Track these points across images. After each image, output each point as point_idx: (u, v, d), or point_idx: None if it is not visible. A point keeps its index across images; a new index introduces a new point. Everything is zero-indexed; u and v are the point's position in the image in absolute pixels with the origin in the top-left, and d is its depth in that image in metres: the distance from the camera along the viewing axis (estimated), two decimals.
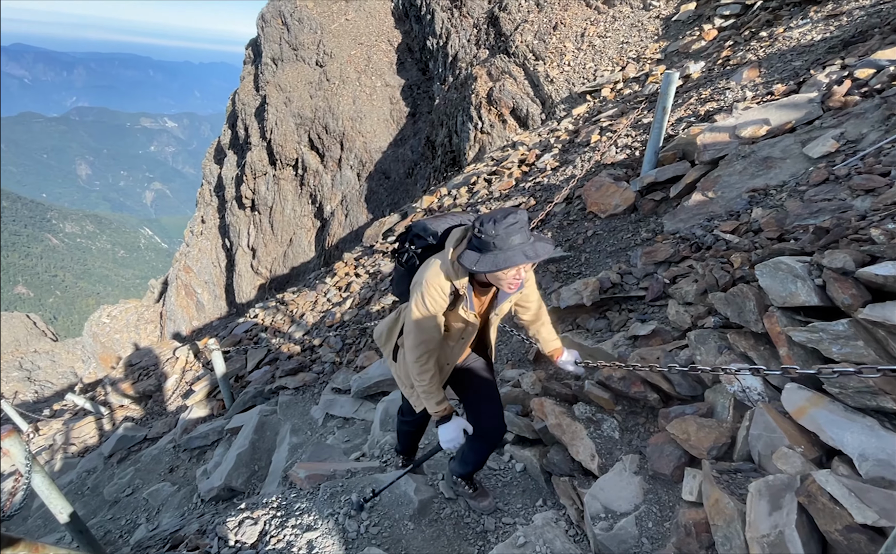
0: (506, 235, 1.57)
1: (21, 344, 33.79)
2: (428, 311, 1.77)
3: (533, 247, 1.60)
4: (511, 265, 1.57)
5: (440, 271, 1.73)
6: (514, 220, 1.58)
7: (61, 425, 8.76)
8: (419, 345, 1.83)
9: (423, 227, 1.93)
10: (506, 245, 1.58)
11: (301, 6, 21.12)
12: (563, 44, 11.75)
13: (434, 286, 1.73)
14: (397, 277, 2.06)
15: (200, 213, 24.81)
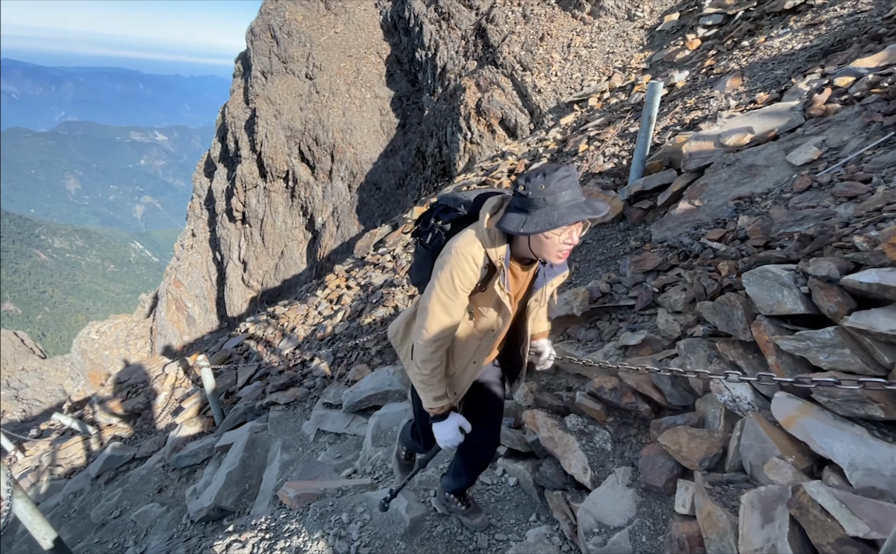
0: (557, 190, 1.35)
1: (8, 362, 33.22)
2: (455, 287, 1.49)
3: (589, 203, 1.38)
4: (567, 222, 1.32)
5: (474, 239, 1.47)
6: (567, 173, 1.36)
7: (48, 446, 8.59)
8: (438, 332, 1.55)
9: (452, 198, 1.67)
10: (557, 201, 1.35)
11: (290, 19, 21.21)
12: (549, 54, 11.88)
13: (465, 256, 1.46)
14: (418, 260, 1.77)
15: (191, 227, 24.66)
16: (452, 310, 1.53)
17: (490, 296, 1.55)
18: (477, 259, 1.46)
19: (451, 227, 1.61)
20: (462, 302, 1.53)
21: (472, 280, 1.48)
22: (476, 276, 1.48)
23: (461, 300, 1.52)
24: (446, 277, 1.48)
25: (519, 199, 1.39)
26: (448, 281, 1.48)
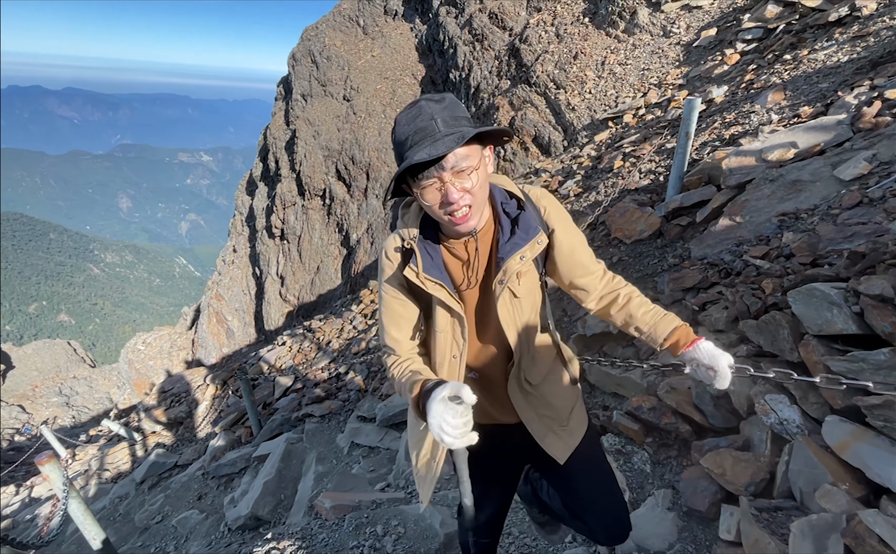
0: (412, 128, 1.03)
1: (61, 370, 35.16)
2: (382, 294, 1.27)
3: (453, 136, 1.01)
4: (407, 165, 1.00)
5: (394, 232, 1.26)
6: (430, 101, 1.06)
7: (96, 451, 9.00)
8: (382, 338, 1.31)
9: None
10: (405, 147, 1.05)
11: (329, 45, 22.02)
12: (583, 72, 11.87)
13: (384, 249, 1.26)
14: None
15: (232, 243, 25.64)
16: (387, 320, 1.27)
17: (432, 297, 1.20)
18: (389, 249, 1.23)
19: None
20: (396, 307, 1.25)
21: (395, 275, 1.23)
22: (393, 269, 1.22)
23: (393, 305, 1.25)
24: (378, 283, 1.30)
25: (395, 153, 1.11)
26: (379, 286, 1.30)
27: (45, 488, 9.33)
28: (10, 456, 18.93)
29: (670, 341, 1.30)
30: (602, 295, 1.37)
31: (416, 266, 1.16)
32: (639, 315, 1.33)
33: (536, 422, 1.35)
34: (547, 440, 1.35)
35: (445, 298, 1.17)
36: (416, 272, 1.16)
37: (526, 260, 1.18)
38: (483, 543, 1.60)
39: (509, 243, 1.17)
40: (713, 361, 1.25)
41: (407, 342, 1.28)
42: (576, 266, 1.31)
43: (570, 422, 1.39)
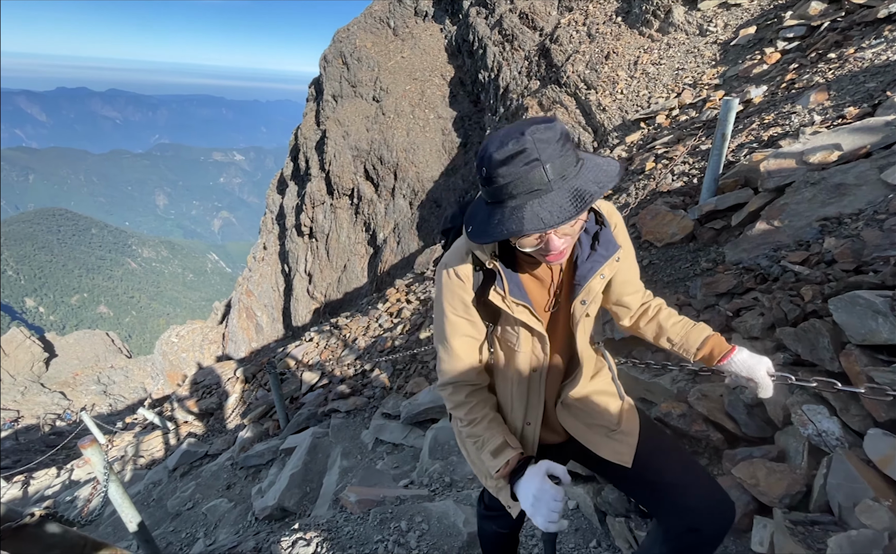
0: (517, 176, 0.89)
1: (100, 360, 36.67)
2: (445, 314, 1.15)
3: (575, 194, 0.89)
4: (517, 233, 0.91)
5: (459, 246, 1.14)
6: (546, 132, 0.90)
7: (132, 438, 9.36)
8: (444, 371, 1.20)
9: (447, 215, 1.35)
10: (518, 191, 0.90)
11: (360, 46, 22.31)
12: (615, 72, 11.68)
13: (448, 270, 1.13)
14: None
15: (263, 240, 26.25)
16: (456, 343, 1.16)
17: (507, 316, 1.14)
18: (459, 268, 1.11)
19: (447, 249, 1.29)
20: (464, 330, 1.16)
21: (462, 297, 1.13)
22: (465, 289, 1.12)
23: (461, 328, 1.15)
24: (437, 304, 1.17)
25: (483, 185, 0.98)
26: (439, 309, 1.16)
27: (83, 472, 9.76)
28: (52, 440, 19.88)
29: (703, 351, 1.29)
30: (637, 311, 1.36)
31: (503, 290, 1.09)
32: (669, 326, 1.32)
33: (588, 433, 1.30)
34: (606, 449, 1.29)
35: (530, 320, 1.12)
36: (503, 296, 1.09)
37: (605, 279, 1.16)
38: (504, 535, 1.60)
39: (589, 261, 1.13)
40: (751, 372, 1.23)
41: (476, 368, 1.20)
42: (627, 284, 1.30)
43: (623, 423, 1.33)
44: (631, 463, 1.28)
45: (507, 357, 1.21)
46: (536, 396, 1.24)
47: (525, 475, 1.05)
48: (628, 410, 1.37)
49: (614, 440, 1.30)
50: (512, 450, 1.13)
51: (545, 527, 0.98)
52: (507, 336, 1.17)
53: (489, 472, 1.14)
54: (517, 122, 0.95)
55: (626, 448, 1.29)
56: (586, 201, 0.89)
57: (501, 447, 1.13)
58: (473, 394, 1.20)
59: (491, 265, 1.09)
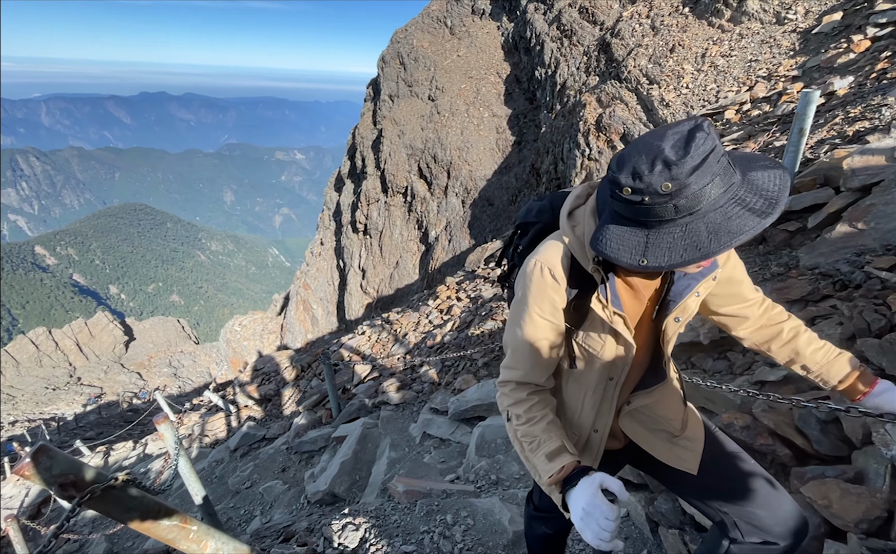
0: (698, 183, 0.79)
1: (171, 344, 39.49)
2: (530, 312, 1.09)
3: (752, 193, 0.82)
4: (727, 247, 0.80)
5: (553, 242, 1.07)
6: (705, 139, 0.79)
7: (198, 418, 10.02)
8: (511, 368, 1.15)
9: (525, 210, 1.29)
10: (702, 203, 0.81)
11: (417, 46, 22.61)
12: (680, 66, 11.14)
13: (540, 267, 1.06)
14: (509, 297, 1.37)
15: (320, 236, 27.25)
16: (532, 343, 1.11)
17: (594, 321, 1.08)
18: (555, 268, 1.05)
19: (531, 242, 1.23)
20: (545, 332, 1.10)
21: (553, 299, 1.07)
22: (557, 292, 1.06)
23: (543, 329, 1.10)
24: (520, 300, 1.11)
25: (626, 207, 0.87)
26: (522, 305, 1.10)
27: (156, 446, 10.55)
28: (129, 416, 21.66)
29: (846, 384, 1.19)
30: (761, 326, 1.24)
31: (605, 298, 1.04)
32: (808, 353, 1.21)
33: (651, 438, 1.26)
34: (670, 455, 1.25)
35: (623, 330, 1.08)
36: (604, 304, 1.04)
37: (700, 296, 1.10)
38: (552, 537, 1.57)
39: (686, 278, 1.06)
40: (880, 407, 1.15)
41: (546, 371, 1.15)
42: (734, 297, 1.20)
43: (687, 429, 1.28)
44: (697, 470, 1.23)
45: (587, 363, 1.16)
46: (608, 403, 1.20)
47: (578, 486, 0.98)
48: (692, 416, 1.32)
49: (679, 446, 1.26)
50: (569, 455, 1.07)
51: (595, 544, 0.91)
52: (591, 342, 1.12)
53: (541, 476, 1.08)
54: (656, 130, 0.85)
55: (692, 454, 1.25)
56: (779, 204, 0.80)
57: (558, 451, 1.07)
58: (536, 393, 1.15)
59: (594, 271, 1.03)
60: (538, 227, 1.23)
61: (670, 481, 1.31)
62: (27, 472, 1.02)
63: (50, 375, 33.62)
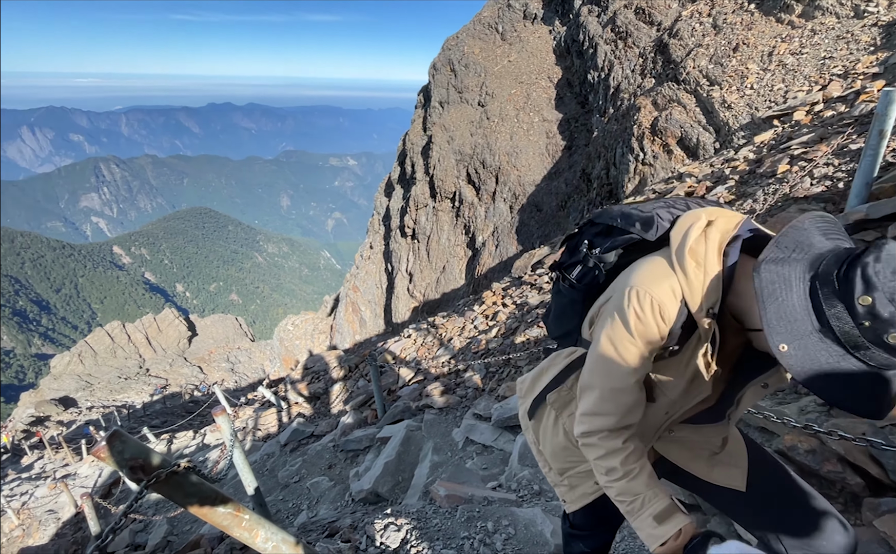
0: None
1: (230, 341, 41.57)
2: (630, 350, 0.96)
3: None
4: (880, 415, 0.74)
5: (666, 272, 0.93)
6: None
7: (252, 412, 10.48)
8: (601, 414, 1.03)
9: (618, 214, 1.12)
10: None
11: (468, 53, 22.74)
12: (744, 65, 10.57)
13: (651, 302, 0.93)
14: (559, 305, 1.25)
15: (370, 240, 27.89)
16: (629, 382, 0.99)
17: (680, 363, 0.99)
18: (666, 308, 0.92)
19: (616, 256, 1.10)
20: (643, 371, 0.99)
21: (653, 339, 0.95)
22: (663, 333, 0.94)
23: (642, 368, 0.98)
24: (619, 333, 0.97)
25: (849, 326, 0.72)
26: (619, 340, 0.97)
27: (213, 437, 11.14)
28: (190, 407, 23.00)
29: None
30: None
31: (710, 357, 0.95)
32: None
33: (692, 459, 1.20)
34: (715, 473, 1.19)
35: (707, 379, 1.00)
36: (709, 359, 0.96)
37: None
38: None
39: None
40: None
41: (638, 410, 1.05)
42: None
43: (728, 445, 1.22)
44: (745, 486, 1.17)
45: (649, 395, 1.07)
46: (652, 431, 1.14)
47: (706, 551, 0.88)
48: (732, 431, 1.25)
49: (721, 463, 1.20)
50: (683, 516, 0.97)
51: None
52: (664, 383, 1.03)
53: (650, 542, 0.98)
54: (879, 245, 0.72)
55: (738, 471, 1.19)
56: None
57: (669, 512, 0.97)
58: (631, 440, 1.04)
59: (708, 325, 0.92)
60: (629, 240, 1.07)
61: (717, 501, 1.24)
62: (103, 454, 1.12)
63: (122, 366, 36.33)
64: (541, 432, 1.32)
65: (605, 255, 1.11)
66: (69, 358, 37.14)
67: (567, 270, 1.21)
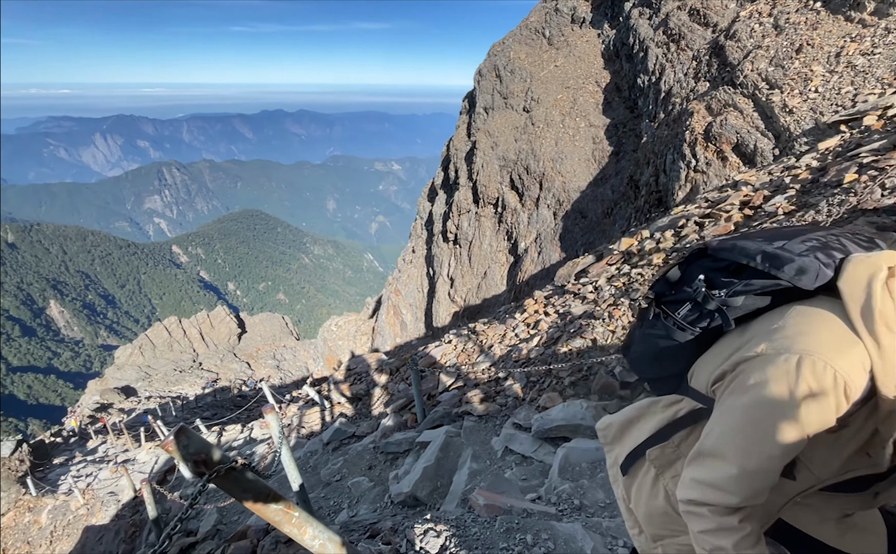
0: None
1: (276, 339, 43.07)
2: (795, 422, 0.80)
3: None
4: None
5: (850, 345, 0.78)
6: None
7: (296, 410, 10.82)
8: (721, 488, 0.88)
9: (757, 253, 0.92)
10: None
11: (514, 58, 22.67)
12: (808, 68, 9.99)
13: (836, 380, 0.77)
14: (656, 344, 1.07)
15: (412, 244, 28.23)
16: (783, 458, 0.84)
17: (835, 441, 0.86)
18: (856, 384, 0.77)
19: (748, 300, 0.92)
20: (795, 450, 0.83)
21: (829, 421, 0.80)
22: (840, 414, 0.79)
23: (795, 448, 0.82)
24: (776, 407, 0.81)
25: None
26: (779, 414, 0.81)
27: (260, 432, 11.58)
28: (239, 401, 24.00)
29: None
30: None
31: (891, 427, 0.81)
32: None
33: (821, 524, 1.05)
34: (847, 539, 1.04)
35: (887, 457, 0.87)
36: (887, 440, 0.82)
37: None
38: None
39: None
40: None
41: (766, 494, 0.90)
42: None
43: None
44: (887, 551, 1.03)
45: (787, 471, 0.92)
46: (779, 507, 1.02)
47: None
48: None
49: (856, 528, 1.04)
50: None
51: None
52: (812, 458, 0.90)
53: None
54: None
55: (876, 538, 1.04)
56: None
57: None
58: (748, 519, 0.90)
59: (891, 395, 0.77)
60: (775, 287, 0.89)
61: None
62: (170, 447, 1.21)
63: (178, 359, 38.41)
64: (634, 490, 1.16)
65: (733, 300, 0.92)
66: (131, 350, 39.66)
67: (671, 307, 1.03)
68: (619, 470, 1.21)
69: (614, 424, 1.25)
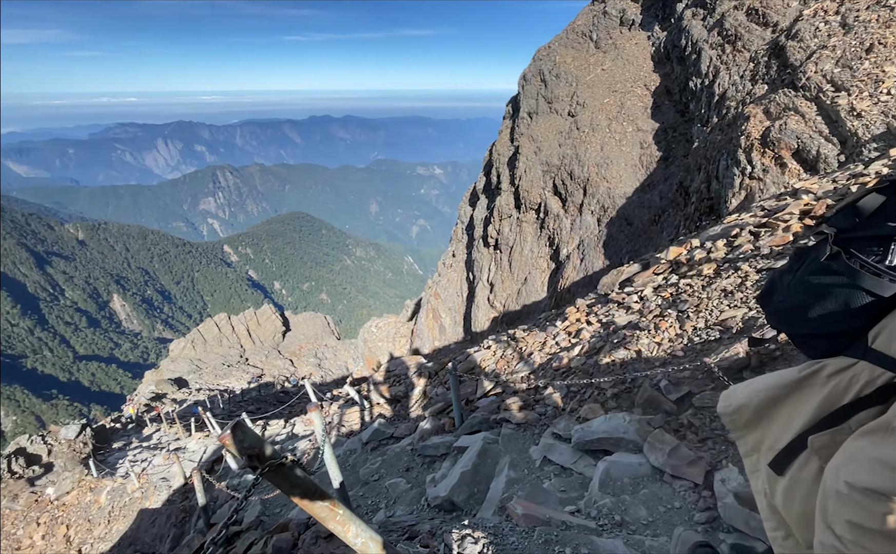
0: None
1: (318, 338, 44.20)
2: None
3: None
4: None
5: None
6: None
7: (337, 408, 11.07)
8: None
9: None
10: None
11: (560, 62, 22.40)
12: (880, 68, 9.34)
13: None
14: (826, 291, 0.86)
15: (452, 248, 28.32)
16: None
17: None
18: None
19: None
20: None
21: None
22: None
23: None
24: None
25: None
26: None
27: (301, 428, 11.91)
28: (281, 397, 24.80)
29: None
30: None
31: None
32: None
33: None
34: None
35: None
36: None
37: None
38: None
39: None
40: None
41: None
42: None
43: None
44: None
45: None
46: None
47: None
48: None
49: None
50: None
51: None
52: None
53: None
54: None
55: None
56: None
57: None
58: None
59: None
60: None
61: None
62: (227, 441, 1.28)
63: (226, 354, 40.12)
64: (784, 485, 0.94)
65: None
66: (184, 343, 41.80)
67: (858, 246, 0.81)
68: (770, 468, 0.97)
69: (749, 404, 1.01)
